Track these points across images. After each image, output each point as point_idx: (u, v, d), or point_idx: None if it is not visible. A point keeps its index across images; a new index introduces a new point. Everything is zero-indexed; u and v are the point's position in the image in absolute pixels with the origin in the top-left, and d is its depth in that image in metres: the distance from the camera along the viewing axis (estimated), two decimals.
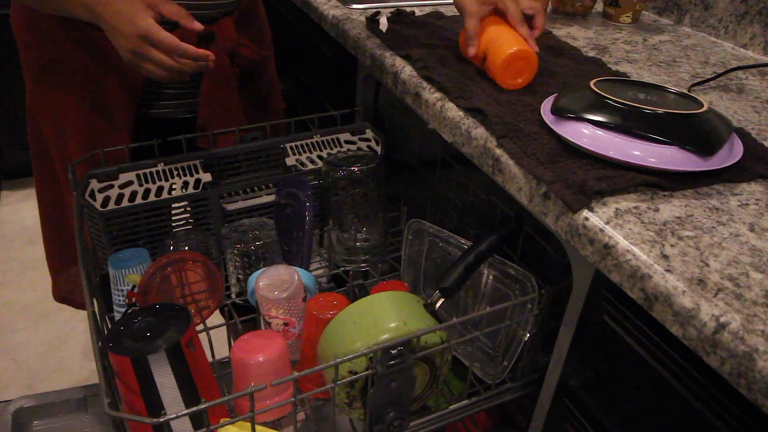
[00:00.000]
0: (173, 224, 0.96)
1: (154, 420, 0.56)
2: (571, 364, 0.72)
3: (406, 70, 0.92)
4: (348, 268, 1.03)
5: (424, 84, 0.87)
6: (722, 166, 0.65)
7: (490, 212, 0.96)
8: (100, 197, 0.87)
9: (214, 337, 0.88)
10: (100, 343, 0.64)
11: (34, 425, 1.19)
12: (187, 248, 0.89)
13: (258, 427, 0.65)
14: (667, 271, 0.52)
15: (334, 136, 1.05)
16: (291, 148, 1.02)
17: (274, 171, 1.02)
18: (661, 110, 0.66)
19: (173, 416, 0.57)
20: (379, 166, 0.98)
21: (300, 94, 1.56)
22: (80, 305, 1.18)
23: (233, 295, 0.98)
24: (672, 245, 0.55)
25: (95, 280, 0.82)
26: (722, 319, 0.48)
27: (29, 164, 1.08)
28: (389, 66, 0.95)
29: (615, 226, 0.58)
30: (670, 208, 0.61)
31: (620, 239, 0.56)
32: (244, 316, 0.96)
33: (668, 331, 0.53)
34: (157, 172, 0.92)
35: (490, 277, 0.89)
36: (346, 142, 1.06)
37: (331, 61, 1.29)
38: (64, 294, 1.17)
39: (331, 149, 1.04)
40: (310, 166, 1.01)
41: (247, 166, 1.00)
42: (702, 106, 0.69)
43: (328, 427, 0.86)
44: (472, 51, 0.86)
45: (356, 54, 1.07)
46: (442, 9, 1.18)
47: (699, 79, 0.94)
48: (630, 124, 0.65)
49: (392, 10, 1.14)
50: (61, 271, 1.15)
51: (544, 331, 0.81)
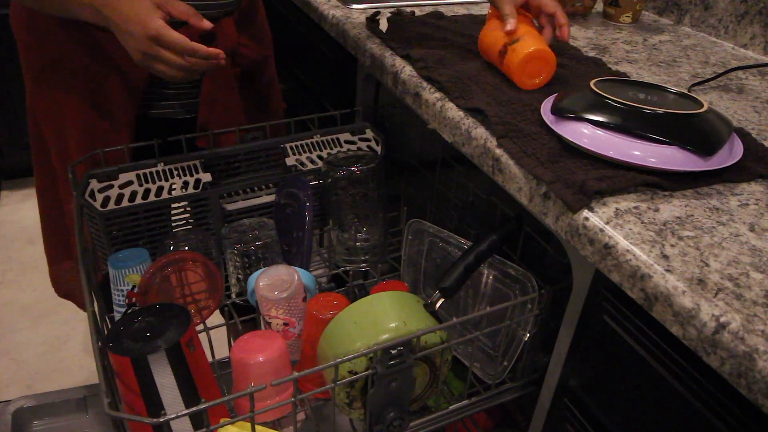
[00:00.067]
0: (173, 224, 0.96)
1: (154, 420, 0.56)
2: (571, 364, 0.72)
3: (406, 70, 0.92)
4: (348, 268, 1.03)
5: (424, 84, 0.87)
6: (722, 166, 0.65)
7: (490, 212, 0.96)
8: (100, 197, 0.87)
9: (214, 337, 0.88)
10: (100, 343, 0.64)
11: (34, 425, 1.19)
12: (187, 248, 0.89)
13: (258, 427, 0.65)
14: (667, 271, 0.52)
15: (334, 136, 1.05)
16: (291, 148, 1.02)
17: (274, 171, 1.02)
18: (661, 110, 0.66)
19: (173, 416, 0.57)
20: (379, 166, 0.98)
21: (300, 94, 1.56)
22: (82, 304, 1.18)
23: (233, 295, 0.98)
24: (672, 245, 0.55)
25: (95, 280, 0.82)
26: (722, 319, 0.48)
27: (29, 164, 1.08)
28: (389, 66, 0.95)
29: (615, 226, 0.58)
30: (670, 208, 0.61)
31: (620, 239, 0.56)
32: (244, 316, 0.96)
33: (668, 331, 0.53)
34: (157, 172, 0.92)
35: (490, 277, 0.89)
36: (346, 142, 1.06)
37: (331, 61, 1.29)
38: (65, 290, 1.17)
39: (331, 149, 1.04)
40: (310, 166, 1.01)
41: (247, 166, 1.00)
42: (702, 106, 0.69)
43: (328, 427, 0.86)
44: (509, 26, 0.83)
45: (356, 54, 1.07)
46: (442, 9, 1.18)
47: (699, 79, 0.94)
48: (630, 124, 0.65)
49: (392, 10, 1.14)
50: (58, 262, 1.15)
51: (544, 331, 0.81)
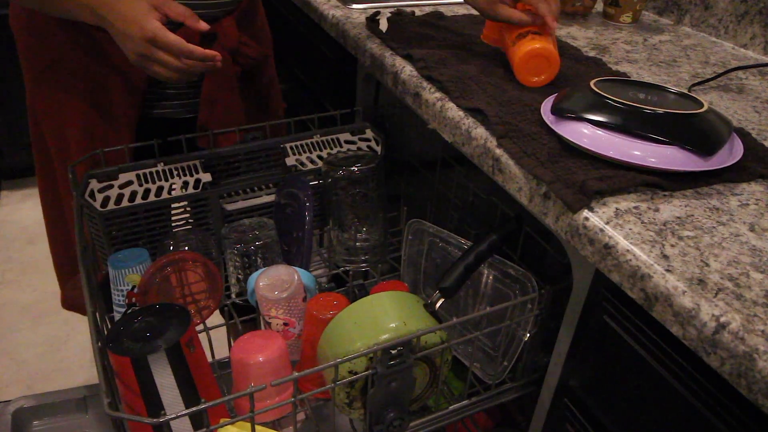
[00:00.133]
0: (173, 224, 0.96)
1: (154, 420, 0.56)
2: (571, 364, 0.72)
3: (406, 70, 0.92)
4: (348, 268, 1.03)
5: (424, 84, 0.87)
6: (722, 166, 0.65)
7: (490, 212, 0.96)
8: (99, 197, 0.87)
9: (214, 337, 0.88)
10: (100, 343, 0.64)
11: (34, 425, 1.19)
12: (187, 248, 0.89)
13: (258, 427, 0.65)
14: (667, 271, 0.52)
15: (334, 136, 1.05)
16: (291, 148, 1.02)
17: (274, 171, 1.02)
18: (661, 110, 0.66)
19: (173, 416, 0.57)
20: (379, 166, 0.98)
21: (300, 94, 1.56)
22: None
23: (233, 295, 0.98)
24: (672, 245, 0.55)
25: (95, 280, 0.82)
26: (722, 319, 0.48)
27: (29, 164, 1.08)
28: (389, 66, 0.95)
29: (615, 226, 0.58)
30: (670, 208, 0.61)
31: (620, 239, 0.56)
32: (244, 316, 0.96)
33: (668, 331, 0.53)
34: (157, 172, 0.92)
35: (490, 277, 0.89)
36: (346, 142, 1.06)
37: (331, 61, 1.29)
38: (72, 302, 1.17)
39: (331, 149, 1.04)
40: (310, 166, 1.01)
41: (247, 166, 1.00)
42: (702, 106, 0.69)
43: (328, 427, 0.86)
44: (523, 18, 0.83)
45: (356, 54, 1.07)
46: (442, 9, 1.18)
47: (699, 79, 0.94)
48: (630, 124, 0.65)
49: (392, 10, 1.14)
50: (69, 279, 1.15)
51: (544, 331, 0.81)
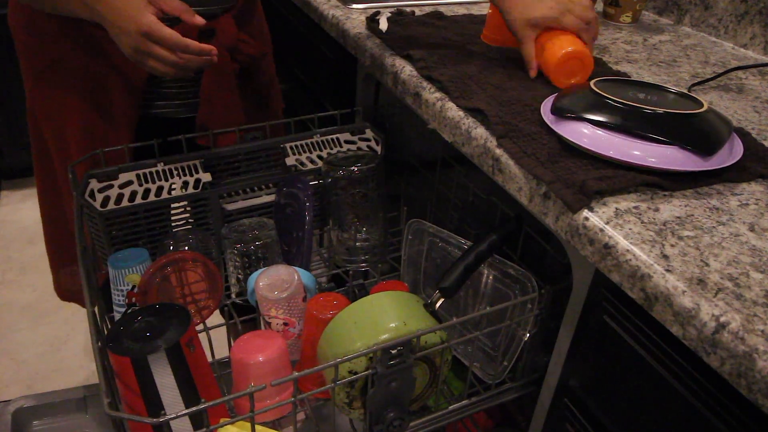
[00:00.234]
0: (173, 224, 0.96)
1: (154, 420, 0.56)
2: (571, 364, 0.72)
3: (406, 70, 0.92)
4: (348, 268, 1.03)
5: (424, 84, 0.87)
6: (722, 166, 0.65)
7: (490, 212, 0.96)
8: (99, 197, 0.87)
9: (214, 337, 0.88)
10: (100, 343, 0.64)
11: (34, 425, 1.19)
12: (187, 248, 0.89)
13: (258, 427, 0.65)
14: (667, 271, 0.52)
15: (334, 136, 1.05)
16: (291, 148, 1.02)
17: (274, 171, 1.02)
18: (661, 110, 0.66)
19: (173, 416, 0.57)
20: (379, 166, 0.98)
21: (300, 94, 1.56)
22: (84, 303, 1.18)
23: (233, 295, 0.98)
24: (672, 245, 0.55)
25: (95, 280, 0.82)
26: (722, 319, 0.48)
27: (29, 164, 1.08)
28: (389, 66, 0.95)
29: (615, 226, 0.58)
30: (670, 208, 0.61)
31: (620, 239, 0.56)
32: (244, 316, 0.96)
33: (668, 331, 0.53)
34: (157, 172, 0.92)
35: (490, 277, 0.89)
36: (346, 142, 1.06)
37: (331, 61, 1.29)
38: (68, 293, 1.17)
39: (331, 149, 1.04)
40: (310, 166, 1.01)
41: (247, 166, 1.00)
42: (702, 106, 0.69)
43: (328, 427, 0.86)
44: (532, 74, 0.87)
45: (356, 54, 1.07)
46: (442, 9, 1.18)
47: (699, 79, 0.94)
48: (630, 124, 0.65)
49: (392, 10, 1.14)
50: (62, 269, 1.15)
51: (544, 331, 0.81)
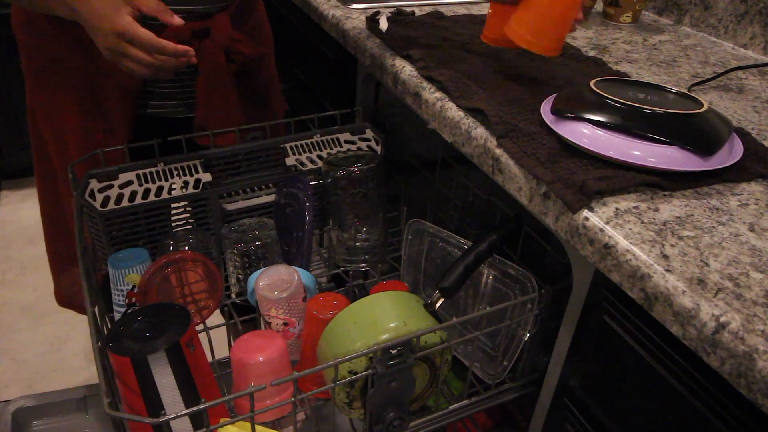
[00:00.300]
0: (173, 224, 0.96)
1: (154, 420, 0.56)
2: (571, 364, 0.72)
3: (406, 70, 0.92)
4: (348, 268, 1.03)
5: (424, 84, 0.87)
6: (722, 166, 0.65)
7: (490, 212, 0.96)
8: (99, 197, 0.87)
9: (214, 337, 0.88)
10: (100, 343, 0.64)
11: (34, 425, 1.19)
12: (187, 248, 0.89)
13: (258, 427, 0.65)
14: (667, 271, 0.52)
15: (334, 136, 1.05)
16: (291, 148, 1.02)
17: (274, 171, 1.02)
18: (661, 110, 0.66)
19: (173, 416, 0.57)
20: (379, 166, 0.98)
21: (300, 94, 1.56)
22: (83, 309, 1.18)
23: (233, 295, 0.98)
24: (672, 245, 0.55)
25: (95, 280, 0.82)
26: (722, 319, 0.48)
27: (29, 164, 1.08)
28: (389, 66, 0.95)
29: (615, 226, 0.58)
30: (670, 208, 0.61)
31: (620, 239, 0.56)
32: (244, 316, 0.96)
33: (668, 331, 0.53)
34: (157, 172, 0.92)
35: (490, 277, 0.89)
36: (346, 142, 1.06)
37: (331, 61, 1.29)
38: (67, 298, 1.17)
39: (331, 149, 1.04)
40: (310, 166, 1.01)
41: (247, 166, 1.00)
42: (702, 106, 0.69)
43: (328, 427, 0.86)
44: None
45: (356, 54, 1.07)
46: (442, 9, 1.18)
47: (699, 79, 0.94)
48: (630, 124, 0.65)
49: (392, 10, 1.14)
50: (63, 273, 1.15)
51: (544, 331, 0.81)
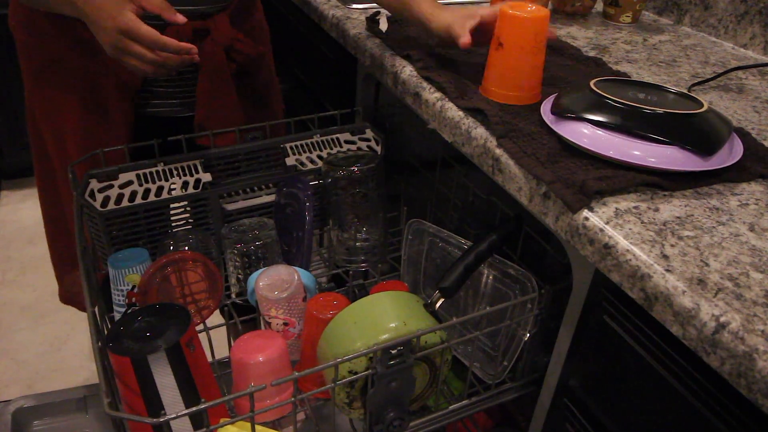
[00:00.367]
0: (173, 224, 0.96)
1: (154, 420, 0.56)
2: (571, 364, 0.72)
3: (406, 70, 0.92)
4: (348, 268, 1.03)
5: (424, 84, 0.87)
6: (722, 166, 0.65)
7: (490, 212, 0.96)
8: (99, 197, 0.87)
9: (214, 337, 0.88)
10: (100, 343, 0.64)
11: (34, 425, 1.19)
12: (187, 248, 0.89)
13: (258, 427, 0.65)
14: (667, 271, 0.52)
15: (334, 136, 1.05)
16: (291, 148, 1.02)
17: (274, 171, 1.02)
18: (661, 110, 0.66)
19: (173, 416, 0.57)
20: (379, 166, 0.98)
21: (300, 94, 1.56)
22: (84, 307, 1.18)
23: (233, 295, 0.98)
24: (672, 245, 0.55)
25: (95, 280, 0.82)
26: (722, 319, 0.48)
27: (29, 164, 1.08)
28: (389, 66, 0.95)
29: (615, 226, 0.58)
30: (670, 208, 0.61)
31: (620, 239, 0.56)
32: (244, 316, 0.96)
33: (668, 331, 0.53)
34: (157, 172, 0.92)
35: (490, 277, 0.89)
36: (346, 142, 1.06)
37: (331, 61, 1.29)
38: (70, 296, 1.17)
39: (331, 149, 1.04)
40: (310, 166, 1.01)
41: (247, 166, 1.00)
42: (702, 106, 0.69)
43: (328, 427, 0.86)
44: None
45: (356, 54, 1.07)
46: None
47: (699, 79, 0.94)
48: (630, 124, 0.65)
49: None
50: (67, 274, 1.15)
51: (544, 331, 0.81)
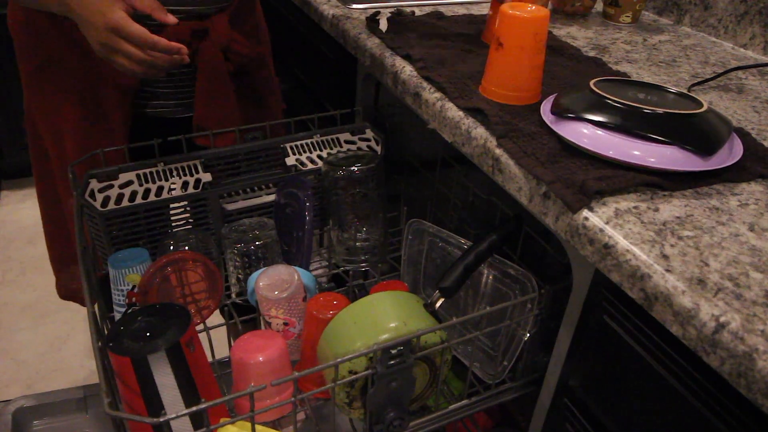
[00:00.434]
0: (173, 224, 0.96)
1: (154, 420, 0.56)
2: (571, 364, 0.72)
3: (406, 70, 0.92)
4: (348, 268, 1.03)
5: (424, 84, 0.87)
6: (722, 166, 0.65)
7: (490, 212, 0.96)
8: (100, 197, 0.87)
9: (214, 337, 0.88)
10: (100, 343, 0.64)
11: (34, 425, 1.19)
12: (187, 248, 0.89)
13: (258, 427, 0.65)
14: (667, 271, 0.52)
15: (334, 136, 1.05)
16: (291, 148, 1.02)
17: (274, 171, 1.02)
18: (661, 110, 0.66)
19: (173, 416, 0.57)
20: (379, 166, 0.98)
21: (300, 94, 1.56)
22: (85, 302, 1.18)
23: (233, 295, 0.98)
24: (672, 245, 0.55)
25: (95, 280, 0.82)
26: (722, 319, 0.48)
27: (29, 164, 1.08)
28: (389, 66, 0.95)
29: (615, 226, 0.58)
30: (670, 208, 0.61)
31: (620, 239, 0.56)
32: (244, 316, 0.96)
33: (668, 331, 0.53)
34: (157, 172, 0.92)
35: (490, 277, 0.89)
36: (346, 142, 1.06)
37: (331, 61, 1.29)
38: (69, 291, 1.17)
39: (331, 149, 1.04)
40: (310, 166, 1.01)
41: (247, 166, 1.00)
42: (702, 106, 0.69)
43: (328, 427, 0.86)
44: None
45: (356, 54, 1.07)
46: (442, 9, 1.18)
47: (699, 79, 0.94)
48: (630, 124, 0.65)
49: (392, 10, 1.14)
50: (63, 270, 1.15)
51: (544, 331, 0.81)
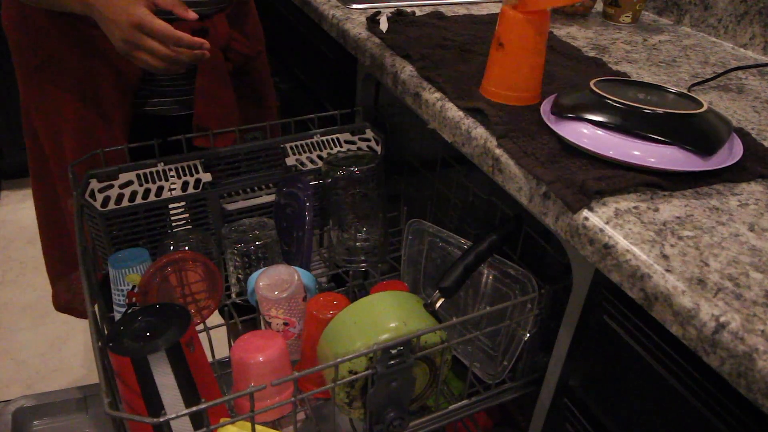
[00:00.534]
0: (173, 224, 0.96)
1: (154, 420, 0.56)
2: (571, 364, 0.72)
3: (406, 70, 0.92)
4: (348, 268, 1.03)
5: (424, 84, 0.87)
6: (722, 166, 0.65)
7: (490, 212, 0.96)
8: (100, 197, 0.87)
9: (214, 337, 0.88)
10: (100, 343, 0.64)
11: (34, 425, 1.19)
12: (187, 248, 0.89)
13: (258, 427, 0.65)
14: (667, 271, 0.52)
15: (334, 136, 1.05)
16: (291, 148, 1.02)
17: (274, 171, 1.02)
18: (661, 110, 0.66)
19: (173, 416, 0.57)
20: (379, 166, 0.98)
21: (300, 94, 1.56)
22: (82, 314, 1.17)
23: (233, 295, 0.98)
24: (672, 245, 0.55)
25: (95, 280, 0.82)
26: (722, 319, 0.48)
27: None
28: (389, 66, 0.95)
29: (615, 226, 0.58)
30: (670, 208, 0.61)
31: (620, 239, 0.56)
32: (244, 316, 0.96)
33: (668, 331, 0.53)
34: (157, 172, 0.92)
35: (490, 277, 0.89)
36: (346, 142, 1.06)
37: (331, 61, 1.29)
38: (65, 303, 1.16)
39: (331, 149, 1.04)
40: (310, 166, 1.01)
41: (247, 166, 1.00)
42: (702, 106, 0.69)
43: (328, 427, 0.86)
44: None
45: (356, 54, 1.07)
46: (442, 9, 1.18)
47: (699, 79, 0.94)
48: (630, 124, 0.65)
49: (392, 10, 1.14)
50: (60, 279, 1.14)
51: (544, 331, 0.81)
